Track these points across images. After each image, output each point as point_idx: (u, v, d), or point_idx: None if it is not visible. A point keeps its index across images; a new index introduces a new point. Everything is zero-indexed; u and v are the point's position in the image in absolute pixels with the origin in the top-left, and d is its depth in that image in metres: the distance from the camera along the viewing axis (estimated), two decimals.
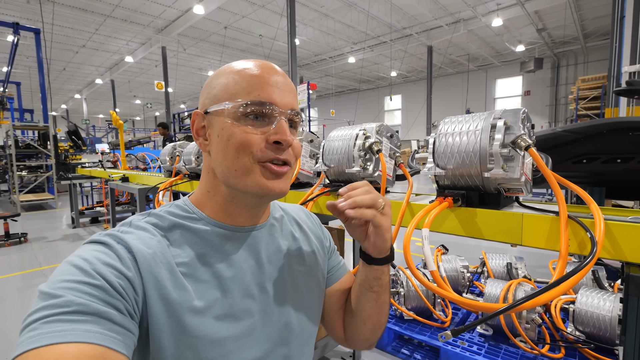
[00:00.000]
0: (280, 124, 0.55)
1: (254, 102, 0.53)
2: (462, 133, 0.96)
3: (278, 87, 0.56)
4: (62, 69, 17.37)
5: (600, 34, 13.92)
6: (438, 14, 12.43)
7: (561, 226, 0.78)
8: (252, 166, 0.54)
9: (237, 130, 0.53)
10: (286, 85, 0.57)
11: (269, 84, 0.55)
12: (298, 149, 0.59)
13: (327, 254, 0.75)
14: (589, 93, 8.92)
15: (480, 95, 18.77)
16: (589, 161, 1.70)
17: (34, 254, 4.46)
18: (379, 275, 0.65)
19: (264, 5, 11.34)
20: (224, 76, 0.56)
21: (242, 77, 0.55)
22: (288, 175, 0.58)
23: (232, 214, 0.59)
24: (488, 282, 1.87)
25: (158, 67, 16.04)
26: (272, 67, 0.57)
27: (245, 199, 0.57)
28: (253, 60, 0.57)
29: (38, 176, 8.37)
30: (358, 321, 0.69)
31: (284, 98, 0.56)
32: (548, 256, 3.57)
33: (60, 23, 11.87)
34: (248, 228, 0.60)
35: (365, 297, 0.67)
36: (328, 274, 0.74)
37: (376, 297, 0.66)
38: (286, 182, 0.58)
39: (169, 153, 2.69)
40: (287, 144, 0.55)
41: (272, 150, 0.54)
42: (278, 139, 0.54)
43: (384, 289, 0.67)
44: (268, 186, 0.55)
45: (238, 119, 0.54)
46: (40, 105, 9.19)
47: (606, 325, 1.58)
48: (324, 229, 0.78)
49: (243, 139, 0.53)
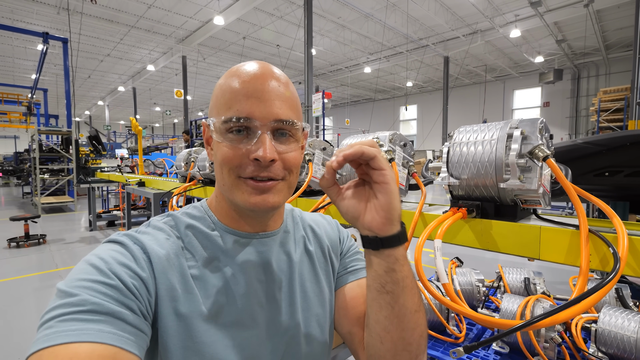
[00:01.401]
0: (260, 140, 0.51)
1: (231, 118, 0.51)
2: (477, 142, 0.94)
3: (260, 97, 0.52)
4: (87, 76, 18.10)
5: (622, 45, 13.57)
6: (455, 25, 12.40)
7: (582, 240, 0.74)
8: (235, 181, 0.53)
9: (221, 146, 0.53)
10: (274, 93, 0.53)
11: (249, 95, 0.52)
12: (291, 161, 0.55)
13: (342, 253, 0.71)
14: (611, 105, 8.67)
15: (497, 106, 18.49)
16: (612, 174, 1.64)
17: (51, 255, 4.58)
18: (392, 266, 0.49)
19: (282, 17, 11.58)
20: (218, 86, 0.56)
21: (225, 90, 0.54)
22: (278, 188, 0.55)
23: (238, 221, 0.59)
24: (504, 298, 1.81)
25: (178, 75, 16.52)
26: (261, 74, 0.53)
27: (243, 210, 0.57)
28: (247, 65, 0.55)
29: (59, 179, 8.67)
30: (374, 339, 0.53)
31: (267, 109, 0.52)
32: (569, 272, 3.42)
33: (87, 33, 12.42)
34: (258, 235, 0.60)
35: (377, 302, 0.51)
36: (339, 274, 0.69)
37: (392, 301, 0.50)
38: (276, 195, 0.54)
39: (184, 159, 2.74)
40: (265, 160, 0.51)
41: (253, 166, 0.52)
42: (256, 157, 0.51)
43: (401, 287, 0.50)
44: (251, 202, 0.53)
45: (222, 135, 0.53)
46: (64, 111, 9.58)
47: (631, 347, 1.49)
48: (343, 231, 0.74)
49: (224, 156, 0.53)
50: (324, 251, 0.68)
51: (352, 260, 0.70)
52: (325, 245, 0.69)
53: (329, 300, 0.66)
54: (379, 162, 0.48)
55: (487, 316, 0.70)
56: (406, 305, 0.50)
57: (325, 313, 0.64)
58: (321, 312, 0.63)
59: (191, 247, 0.55)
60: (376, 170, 0.49)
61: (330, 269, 0.68)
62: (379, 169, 0.49)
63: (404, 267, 0.50)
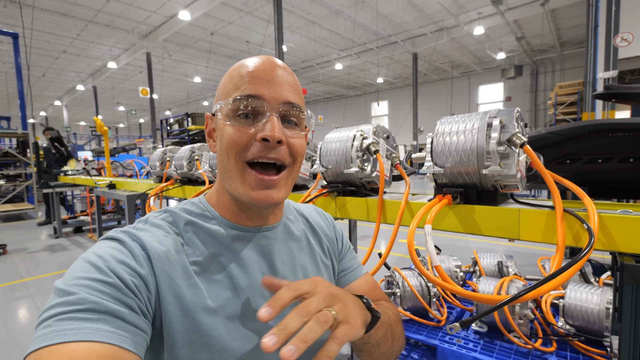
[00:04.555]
0: (268, 120, 0.52)
1: (241, 96, 0.52)
2: (459, 132, 0.99)
3: (269, 80, 0.53)
4: (42, 75, 16.89)
5: (575, 42, 14.53)
6: (422, 22, 12.74)
7: (557, 219, 0.81)
8: (241, 168, 0.53)
9: (227, 128, 0.53)
10: (282, 78, 0.54)
11: (259, 77, 0.53)
12: (297, 147, 0.55)
13: (340, 255, 0.74)
14: (566, 99, 9.28)
15: (464, 101, 19.24)
16: (572, 162, 1.77)
17: (14, 266, 4.28)
18: (367, 340, 0.54)
19: (250, 12, 11.38)
20: (225, 76, 0.57)
21: (234, 75, 0.55)
22: (282, 183, 0.55)
23: (239, 215, 0.59)
24: (481, 280, 1.91)
25: (143, 73, 15.82)
26: (269, 62, 0.55)
27: (245, 203, 0.56)
28: (257, 57, 0.56)
29: (17, 185, 8.08)
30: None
31: (276, 91, 0.53)
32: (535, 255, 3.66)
33: (40, 28, 11.58)
34: (258, 229, 0.60)
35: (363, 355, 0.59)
36: (337, 276, 0.72)
37: (370, 353, 0.58)
38: (280, 191, 0.54)
39: (159, 158, 2.65)
40: (274, 140, 0.51)
41: (260, 148, 0.52)
42: (264, 136, 0.51)
43: (377, 344, 0.56)
44: (254, 197, 0.53)
45: (230, 118, 0.53)
46: (17, 112, 8.90)
47: (594, 318, 1.63)
48: (337, 229, 0.77)
49: (230, 137, 0.52)
50: (323, 246, 0.70)
51: (350, 259, 0.75)
52: (323, 241, 0.71)
53: None
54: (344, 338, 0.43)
55: (480, 294, 0.74)
56: (382, 350, 0.59)
57: None
58: None
59: (192, 243, 0.54)
60: None
61: (330, 265, 0.70)
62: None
63: (378, 333, 0.55)
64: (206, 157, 2.21)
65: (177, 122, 9.22)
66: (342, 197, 1.37)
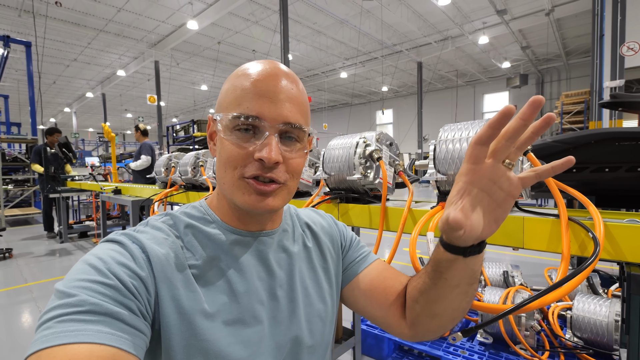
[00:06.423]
0: (267, 141, 0.52)
1: (240, 115, 0.51)
2: (461, 139, 0.99)
3: (271, 97, 0.52)
4: (52, 82, 17.25)
5: (581, 51, 14.50)
6: (427, 31, 12.83)
7: (562, 228, 0.80)
8: (237, 181, 0.53)
9: (226, 143, 0.53)
10: (285, 93, 0.53)
11: (261, 94, 0.52)
12: (294, 167, 0.56)
13: (343, 252, 0.73)
14: (572, 107, 9.23)
15: (469, 110, 19.22)
16: (579, 170, 1.75)
17: (19, 270, 4.31)
18: (476, 267, 0.52)
19: (257, 22, 11.55)
20: (229, 82, 0.56)
21: (236, 86, 0.54)
22: (279, 192, 0.55)
23: (238, 219, 0.59)
24: (486, 290, 1.88)
25: (151, 81, 16.07)
26: (273, 72, 0.54)
27: (242, 209, 0.57)
28: (260, 64, 0.55)
29: (24, 190, 8.19)
30: (445, 320, 0.59)
31: (277, 110, 0.52)
32: (542, 265, 3.60)
33: (52, 37, 11.86)
34: (257, 233, 0.60)
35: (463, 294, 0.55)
36: (345, 270, 0.71)
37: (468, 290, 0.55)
38: (276, 199, 0.55)
39: (164, 164, 2.68)
40: (270, 162, 0.51)
41: (257, 167, 0.52)
42: (261, 157, 0.51)
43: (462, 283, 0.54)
44: (250, 204, 0.53)
45: (228, 131, 0.53)
46: (28, 118, 9.06)
47: (603, 330, 1.60)
48: (339, 224, 0.76)
49: (229, 153, 0.53)
50: (322, 249, 0.69)
51: (357, 249, 0.73)
52: (323, 243, 0.70)
53: (330, 296, 0.67)
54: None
55: (485, 303, 0.73)
56: (475, 287, 0.57)
57: (326, 308, 0.65)
58: (322, 307, 0.64)
59: (191, 246, 0.54)
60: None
61: (329, 266, 0.69)
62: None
63: (477, 264, 0.53)
64: (210, 163, 2.23)
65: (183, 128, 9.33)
66: (344, 203, 1.37)
